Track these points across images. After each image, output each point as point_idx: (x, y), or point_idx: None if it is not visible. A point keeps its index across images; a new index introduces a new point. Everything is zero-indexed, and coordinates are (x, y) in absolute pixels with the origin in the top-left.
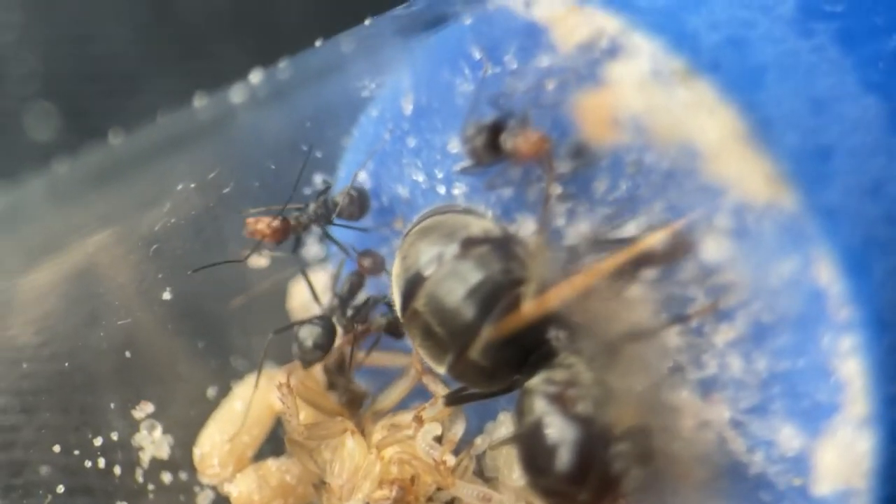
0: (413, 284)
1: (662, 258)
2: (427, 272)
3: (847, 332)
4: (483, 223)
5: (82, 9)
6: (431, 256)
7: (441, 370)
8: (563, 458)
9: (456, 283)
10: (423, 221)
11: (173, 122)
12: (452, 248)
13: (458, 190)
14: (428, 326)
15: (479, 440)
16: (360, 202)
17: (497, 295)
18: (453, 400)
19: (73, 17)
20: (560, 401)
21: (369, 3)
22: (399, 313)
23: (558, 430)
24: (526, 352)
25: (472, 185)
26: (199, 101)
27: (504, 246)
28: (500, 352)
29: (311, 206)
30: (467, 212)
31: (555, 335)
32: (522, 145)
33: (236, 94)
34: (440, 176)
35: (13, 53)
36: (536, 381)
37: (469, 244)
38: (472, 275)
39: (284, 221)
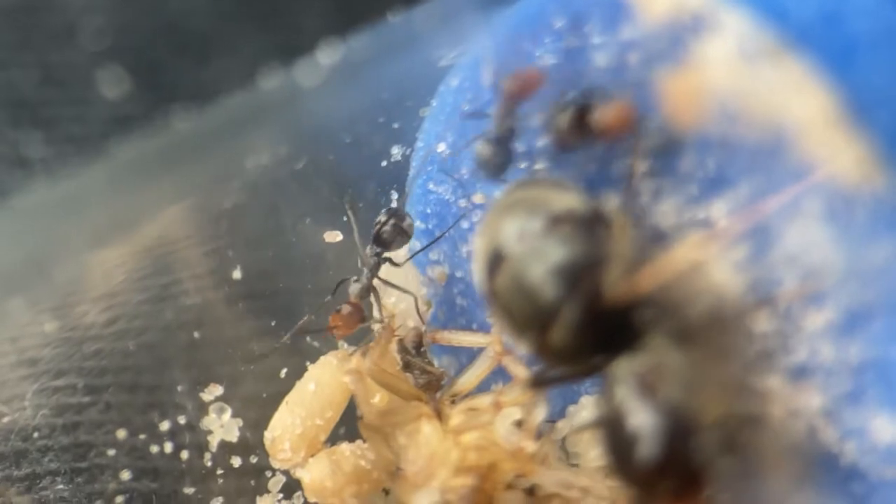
0: (495, 262)
1: None
2: (509, 250)
3: None
4: (568, 199)
5: None
6: (514, 233)
7: (522, 349)
8: (647, 447)
9: (538, 261)
10: (507, 196)
11: (244, 97)
12: (535, 226)
13: (541, 164)
14: (509, 305)
15: (560, 424)
16: (399, 228)
17: (580, 274)
18: (536, 384)
19: None
20: (646, 387)
21: None
22: (481, 290)
23: (643, 418)
24: (609, 333)
25: (555, 160)
26: (271, 75)
27: (588, 223)
28: (583, 333)
29: (365, 265)
30: (553, 186)
31: (640, 317)
32: (608, 118)
33: (309, 68)
34: (521, 149)
35: (85, 7)
36: (621, 366)
37: (552, 221)
38: (555, 253)
39: (355, 307)
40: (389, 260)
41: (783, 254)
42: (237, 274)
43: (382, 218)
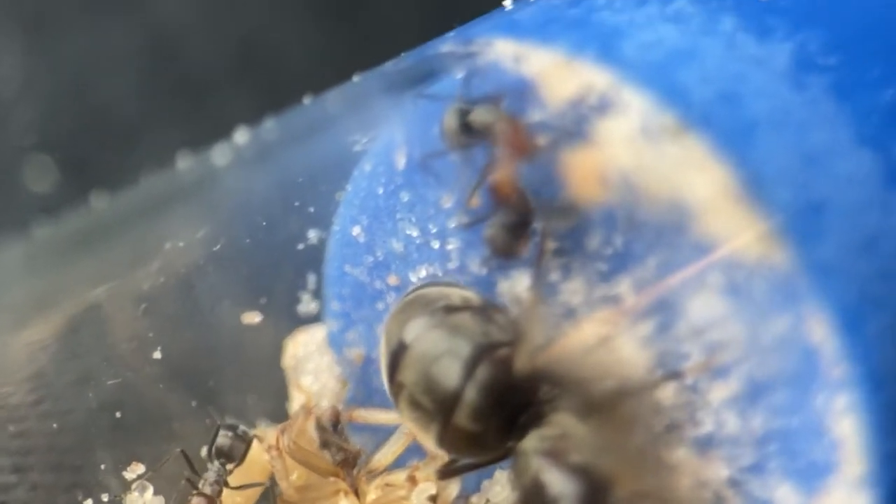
0: (396, 357)
1: None
2: (408, 343)
3: (842, 390)
4: (463, 292)
5: (83, 57)
6: (413, 326)
7: (430, 442)
8: None
9: (436, 350)
10: (406, 295)
11: (161, 181)
12: (433, 317)
13: (452, 245)
14: (413, 397)
15: (475, 499)
16: (235, 436)
17: (479, 359)
18: (445, 474)
19: (75, 66)
20: (554, 455)
21: (373, 59)
22: (386, 388)
23: (557, 484)
24: (514, 414)
25: (467, 241)
26: (188, 158)
27: (484, 312)
28: (488, 415)
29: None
30: (448, 284)
31: (545, 394)
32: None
33: (224, 151)
34: (434, 231)
35: (14, 103)
36: (529, 441)
37: (449, 311)
38: (453, 341)
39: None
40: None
41: (688, 328)
42: (157, 354)
43: (219, 433)
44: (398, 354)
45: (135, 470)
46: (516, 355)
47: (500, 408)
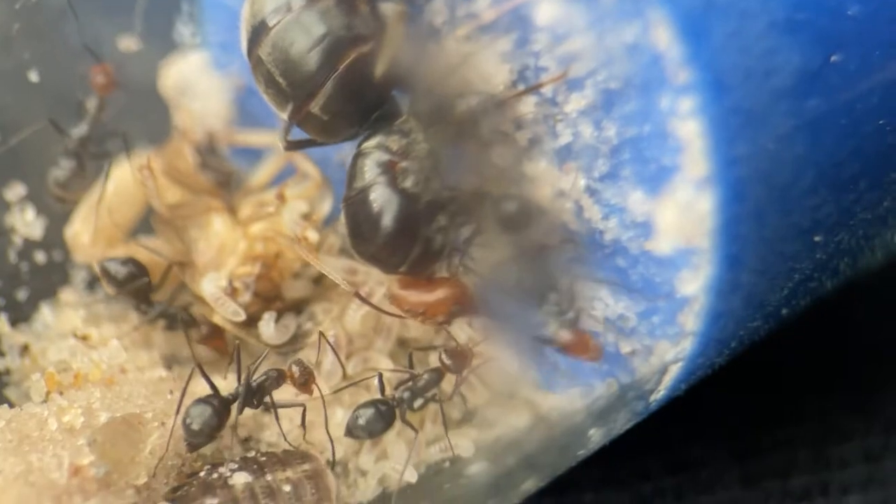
0: (258, 32)
1: None
2: (272, 21)
3: (685, 94)
4: None
5: None
6: (278, 5)
7: (284, 116)
8: (384, 228)
9: (299, 34)
10: None
11: None
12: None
13: None
14: (271, 75)
15: None
16: None
17: (339, 50)
18: (293, 146)
19: None
20: (390, 170)
21: None
22: (245, 58)
23: (383, 200)
24: (367, 110)
25: None
26: None
27: (350, 1)
28: (341, 107)
29: None
30: None
31: (400, 99)
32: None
33: None
34: None
35: None
36: (372, 144)
37: None
38: (316, 27)
39: None
40: None
41: (545, 41)
42: (34, 77)
43: None
44: (260, 30)
45: (15, 190)
46: (378, 59)
47: (355, 103)
